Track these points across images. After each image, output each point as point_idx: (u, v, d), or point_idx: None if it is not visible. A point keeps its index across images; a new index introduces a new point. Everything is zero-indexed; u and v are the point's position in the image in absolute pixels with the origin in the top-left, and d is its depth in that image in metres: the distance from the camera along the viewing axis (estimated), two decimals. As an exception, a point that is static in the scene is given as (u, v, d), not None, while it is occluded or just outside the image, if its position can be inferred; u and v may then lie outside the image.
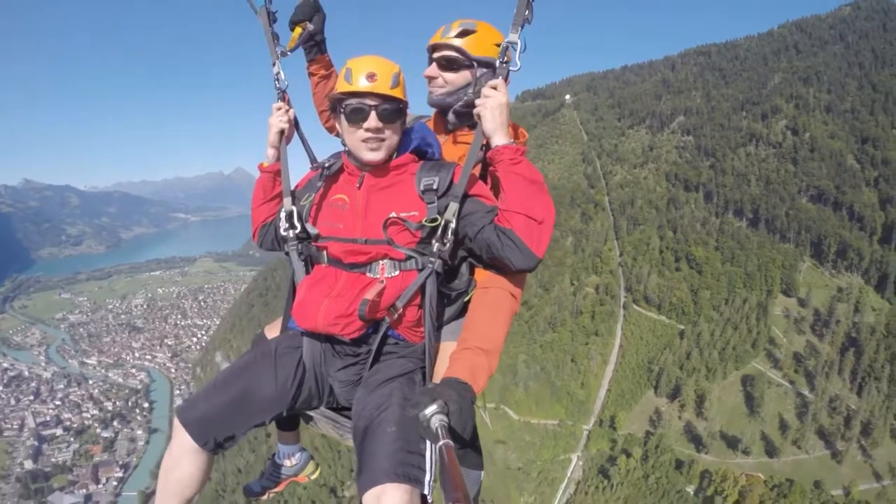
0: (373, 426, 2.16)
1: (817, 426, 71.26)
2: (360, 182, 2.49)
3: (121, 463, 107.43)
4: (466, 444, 2.01)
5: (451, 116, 2.90)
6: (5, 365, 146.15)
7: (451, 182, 2.42)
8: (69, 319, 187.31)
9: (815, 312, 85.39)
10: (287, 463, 3.34)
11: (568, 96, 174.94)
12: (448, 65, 2.77)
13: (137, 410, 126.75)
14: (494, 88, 2.45)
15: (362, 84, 2.33)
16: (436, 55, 2.80)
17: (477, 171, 2.66)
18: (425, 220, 2.34)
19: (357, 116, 2.36)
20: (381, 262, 2.43)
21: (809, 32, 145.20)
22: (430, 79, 2.84)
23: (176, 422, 2.41)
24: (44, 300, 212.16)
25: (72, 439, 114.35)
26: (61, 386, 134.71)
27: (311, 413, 2.87)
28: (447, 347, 2.50)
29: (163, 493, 2.48)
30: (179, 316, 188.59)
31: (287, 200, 2.69)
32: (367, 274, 2.43)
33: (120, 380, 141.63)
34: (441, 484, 1.29)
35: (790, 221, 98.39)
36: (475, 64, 2.77)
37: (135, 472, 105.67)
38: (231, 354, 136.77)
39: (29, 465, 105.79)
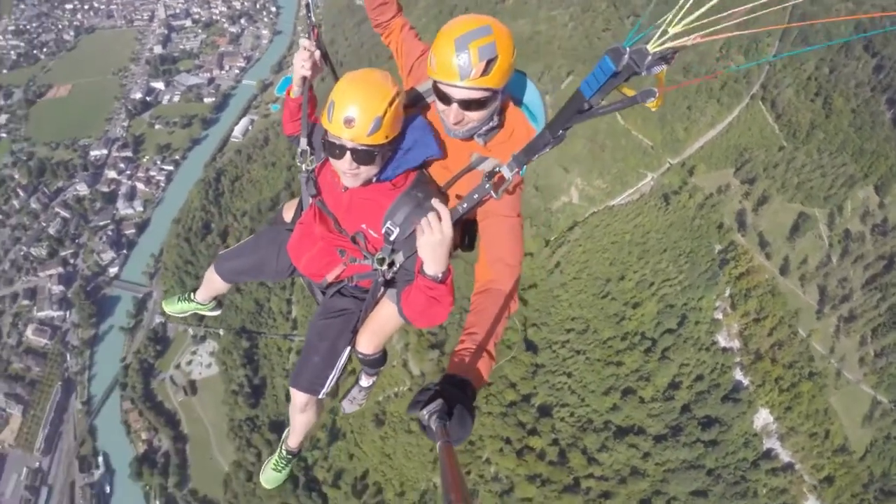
0: (310, 347, 3.19)
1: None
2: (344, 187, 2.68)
3: (244, 55, 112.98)
4: (464, 438, 1.90)
5: (477, 139, 2.65)
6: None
7: (413, 232, 2.48)
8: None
9: None
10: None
11: None
12: (474, 106, 2.39)
13: (265, 13, 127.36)
14: (438, 220, 2.19)
15: (340, 127, 2.29)
16: (457, 98, 2.35)
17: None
18: (374, 261, 2.72)
19: (333, 152, 2.40)
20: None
21: None
22: (455, 122, 2.47)
23: (211, 268, 3.78)
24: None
25: (199, 30, 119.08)
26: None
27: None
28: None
29: (206, 290, 4.19)
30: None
31: (303, 140, 2.87)
32: (337, 252, 2.94)
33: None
34: (441, 483, 1.31)
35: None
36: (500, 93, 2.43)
37: (257, 64, 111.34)
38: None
39: (158, 49, 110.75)
